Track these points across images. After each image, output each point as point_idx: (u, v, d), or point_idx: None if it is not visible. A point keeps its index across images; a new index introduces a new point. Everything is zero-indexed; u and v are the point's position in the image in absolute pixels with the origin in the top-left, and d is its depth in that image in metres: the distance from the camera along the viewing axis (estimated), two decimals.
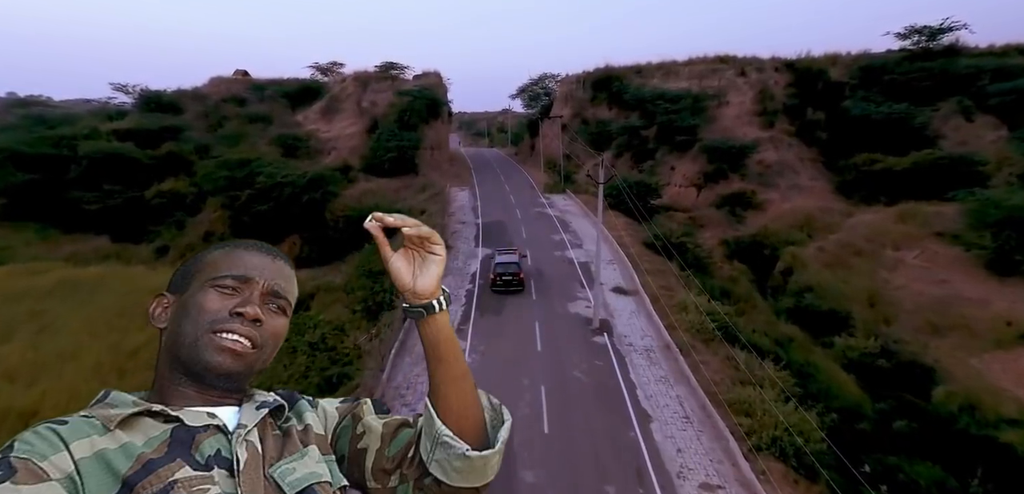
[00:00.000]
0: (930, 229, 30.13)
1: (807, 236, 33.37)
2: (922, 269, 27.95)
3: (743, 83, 48.33)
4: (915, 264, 28.55)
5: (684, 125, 44.67)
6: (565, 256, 29.51)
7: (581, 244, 31.97)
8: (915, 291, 25.99)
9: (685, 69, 52.96)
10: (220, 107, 66.08)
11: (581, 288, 25.10)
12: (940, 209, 31.30)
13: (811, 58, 49.63)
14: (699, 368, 17.32)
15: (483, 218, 37.74)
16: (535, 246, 30.97)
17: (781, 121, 45.18)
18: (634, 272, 26.36)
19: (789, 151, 42.81)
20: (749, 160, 41.51)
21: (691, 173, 43.54)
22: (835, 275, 28.77)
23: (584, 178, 48.31)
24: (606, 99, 55.75)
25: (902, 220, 31.64)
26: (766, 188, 39.77)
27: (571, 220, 37.17)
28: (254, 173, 37.79)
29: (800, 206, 36.48)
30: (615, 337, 20.07)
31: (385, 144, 49.37)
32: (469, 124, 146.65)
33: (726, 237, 35.02)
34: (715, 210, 38.58)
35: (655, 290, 24.21)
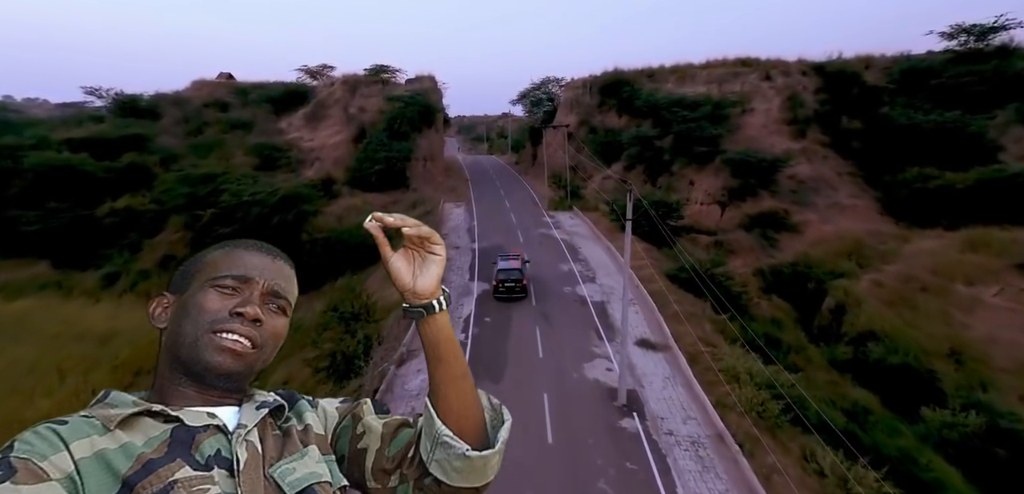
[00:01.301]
0: (1009, 260, 25.36)
1: (857, 266, 28.61)
2: (1007, 310, 23.16)
3: (768, 88, 43.65)
4: (996, 304, 23.77)
5: (705, 135, 39.93)
6: (576, 294, 24.74)
7: (594, 276, 27.21)
8: (1007, 342, 21.20)
9: (702, 73, 48.28)
10: (201, 112, 61.81)
11: (598, 341, 20.32)
12: (1016, 236, 26.56)
13: (843, 60, 44.95)
14: (771, 480, 12.55)
15: (480, 242, 33.02)
16: (541, 279, 26.23)
17: (813, 130, 40.47)
18: (662, 319, 21.59)
19: (824, 164, 38.10)
20: (780, 174, 36.77)
21: (713, 189, 38.80)
22: (900, 317, 24.01)
23: (592, 192, 43.66)
24: (615, 105, 51.10)
25: (971, 248, 26.87)
26: (801, 207, 35.04)
27: (580, 245, 32.43)
28: (219, 190, 33.12)
29: (844, 229, 31.71)
30: (648, 419, 15.29)
31: (372, 155, 44.72)
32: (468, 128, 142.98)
33: (760, 266, 30.25)
34: (744, 233, 33.80)
35: (691, 343, 19.47)
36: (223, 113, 61.27)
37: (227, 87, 69.52)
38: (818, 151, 38.83)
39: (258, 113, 60.85)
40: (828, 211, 34.09)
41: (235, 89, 68.32)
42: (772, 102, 42.56)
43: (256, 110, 61.70)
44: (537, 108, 62.84)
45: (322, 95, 58.08)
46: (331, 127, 52.22)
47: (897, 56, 44.71)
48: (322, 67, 68.87)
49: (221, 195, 32.22)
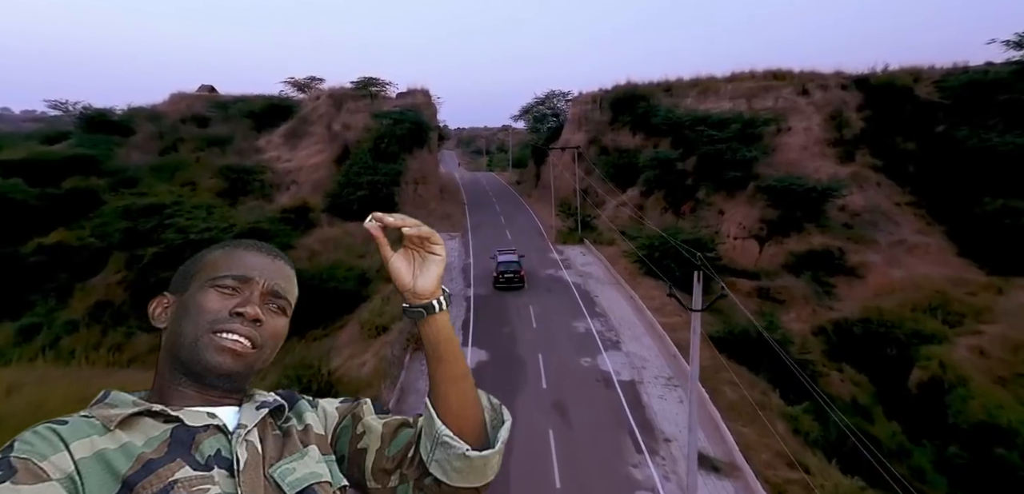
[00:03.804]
0: None
1: (944, 323, 23.06)
2: None
3: (806, 104, 38.36)
4: None
5: (738, 158, 34.56)
6: (599, 370, 19.14)
7: (617, 340, 21.63)
8: None
9: (727, 86, 43.00)
10: (177, 128, 56.79)
11: (635, 451, 14.71)
12: None
13: (889, 73, 39.69)
14: None
15: (476, 288, 27.48)
16: (552, 345, 20.71)
17: (861, 152, 35.10)
18: (717, 414, 15.96)
19: (879, 192, 32.67)
20: (830, 204, 31.34)
21: (748, 220, 33.34)
22: (1019, 397, 18.43)
23: (606, 221, 38.23)
24: (629, 122, 45.82)
25: None
26: (857, 244, 29.53)
27: (597, 292, 26.88)
28: (165, 225, 27.67)
29: (918, 275, 26.16)
30: None
31: (355, 178, 39.35)
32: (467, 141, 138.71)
33: (821, 322, 24.68)
34: (793, 277, 28.24)
35: (767, 460, 13.91)
36: (202, 128, 56.46)
37: (207, 100, 64.58)
38: (870, 176, 33.43)
39: (238, 128, 55.86)
40: (892, 250, 28.58)
41: (215, 103, 63.39)
42: (812, 120, 37.24)
43: (237, 126, 56.73)
44: (541, 125, 57.57)
45: (305, 110, 52.87)
46: (312, 146, 46.92)
47: (950, 69, 39.45)
48: (310, 79, 63.49)
49: (166, 231, 26.77)
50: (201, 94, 67.12)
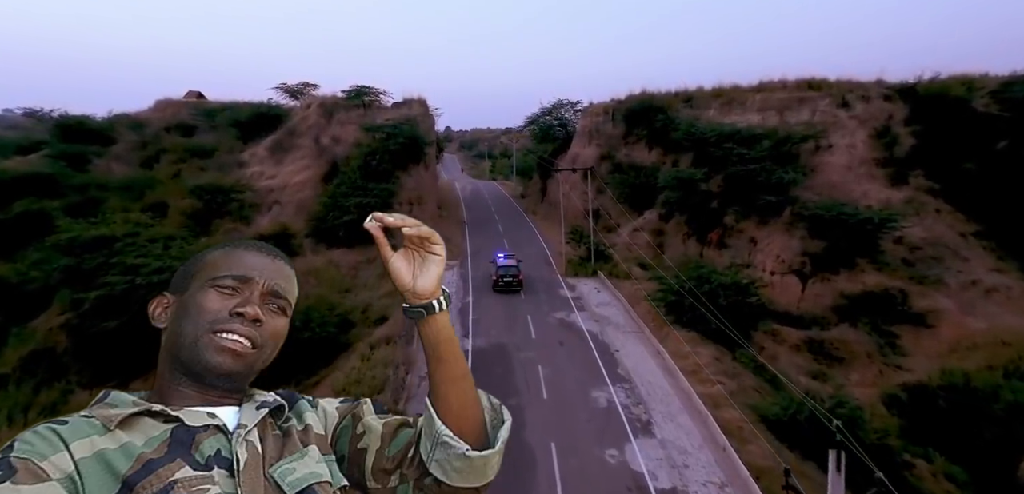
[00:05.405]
0: None
1: None
2: None
3: (848, 118, 34.14)
4: None
5: (772, 181, 30.39)
6: (629, 472, 14.92)
7: (649, 419, 17.46)
8: None
9: (755, 97, 38.82)
10: (160, 137, 53.12)
11: None
12: None
13: (940, 82, 35.42)
14: None
15: (475, 338, 23.34)
16: (565, 422, 16.57)
17: (915, 174, 30.88)
18: None
19: (939, 221, 28.43)
20: (883, 236, 27.12)
21: (787, 253, 29.13)
22: None
23: (621, 248, 34.08)
24: (645, 136, 41.69)
25: None
26: (921, 285, 25.30)
27: (618, 343, 22.71)
28: (111, 264, 23.67)
29: (1004, 327, 21.87)
30: None
31: (342, 200, 35.29)
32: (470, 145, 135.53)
33: (889, 387, 20.46)
34: (847, 325, 24.00)
35: None
36: (187, 137, 52.88)
37: (193, 107, 60.86)
38: (928, 203, 29.19)
39: (222, 139, 52.11)
40: (965, 293, 24.34)
41: (202, 110, 59.69)
42: (855, 136, 33.02)
43: (221, 136, 53.01)
44: (548, 137, 53.44)
45: (294, 121, 48.92)
46: (298, 160, 42.93)
47: (1009, 78, 35.14)
48: (304, 85, 59.58)
49: (108, 273, 22.76)
50: (188, 100, 63.42)
